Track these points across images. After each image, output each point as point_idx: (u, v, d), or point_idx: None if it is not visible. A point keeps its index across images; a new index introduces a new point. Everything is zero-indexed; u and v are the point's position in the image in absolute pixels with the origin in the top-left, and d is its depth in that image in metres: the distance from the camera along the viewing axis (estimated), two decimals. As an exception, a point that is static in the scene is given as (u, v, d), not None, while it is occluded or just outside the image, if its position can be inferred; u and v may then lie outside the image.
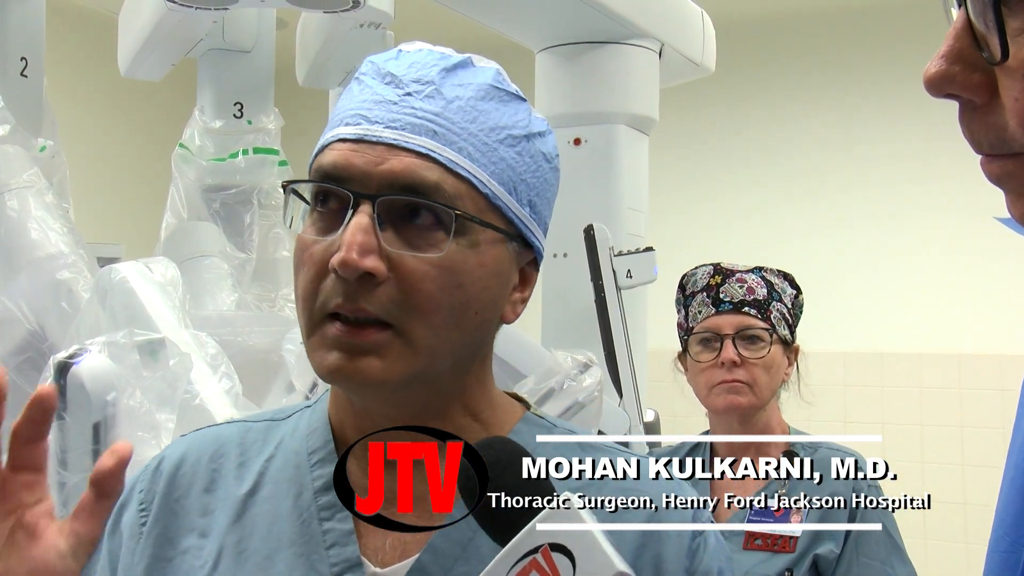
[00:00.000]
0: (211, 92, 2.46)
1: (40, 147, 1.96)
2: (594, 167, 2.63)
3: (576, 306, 2.53)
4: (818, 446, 1.95)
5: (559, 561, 0.84)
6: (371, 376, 0.81)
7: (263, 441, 0.93)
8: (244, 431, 0.94)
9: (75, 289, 1.67)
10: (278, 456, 0.91)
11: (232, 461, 0.92)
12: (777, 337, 1.95)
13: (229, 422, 0.98)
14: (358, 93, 0.86)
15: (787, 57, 5.43)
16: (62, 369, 1.20)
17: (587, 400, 1.60)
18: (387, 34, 2.34)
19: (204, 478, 0.91)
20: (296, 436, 0.92)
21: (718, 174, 5.47)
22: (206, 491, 0.90)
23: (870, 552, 1.81)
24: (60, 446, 1.18)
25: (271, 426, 0.94)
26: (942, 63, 0.58)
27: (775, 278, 2.01)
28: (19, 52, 2.00)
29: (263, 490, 0.89)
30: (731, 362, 1.92)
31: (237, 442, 0.93)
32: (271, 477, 0.90)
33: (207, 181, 2.39)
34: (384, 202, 0.80)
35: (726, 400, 1.94)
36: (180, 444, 0.95)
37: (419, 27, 4.03)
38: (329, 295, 0.80)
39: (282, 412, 0.97)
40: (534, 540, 0.85)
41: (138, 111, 5.36)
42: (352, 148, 0.82)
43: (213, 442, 0.93)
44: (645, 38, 2.63)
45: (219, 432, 0.95)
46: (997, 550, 0.78)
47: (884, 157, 5.15)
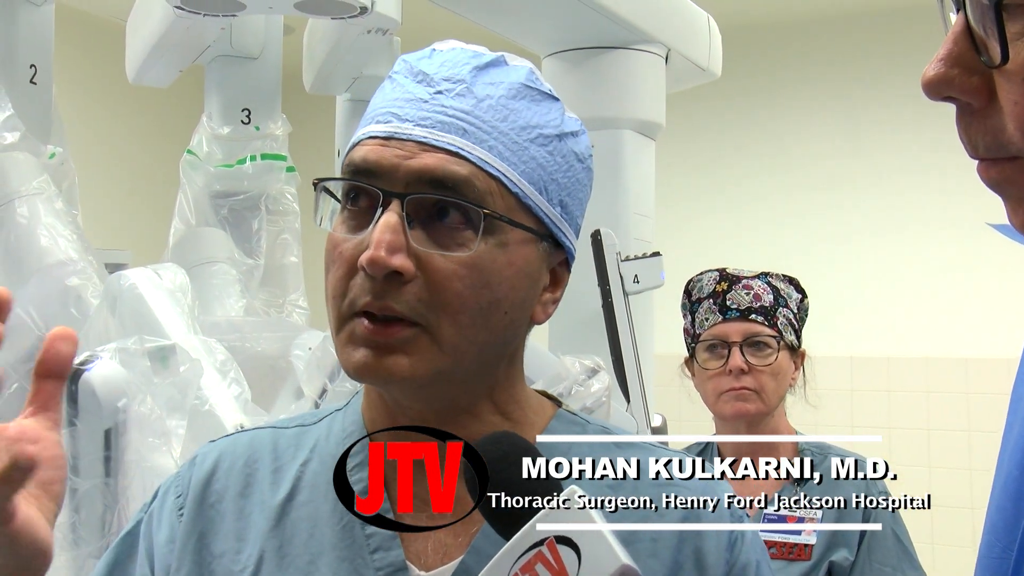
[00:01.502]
0: (219, 98, 2.46)
1: (49, 154, 1.97)
2: (601, 172, 2.61)
3: (583, 311, 2.53)
4: (828, 451, 1.95)
5: (564, 554, 0.84)
6: (397, 373, 0.81)
7: (296, 446, 0.93)
8: (276, 437, 0.94)
9: (84, 296, 1.68)
10: (314, 460, 0.91)
11: (267, 466, 0.92)
12: (784, 343, 1.95)
13: (260, 428, 0.98)
14: (390, 91, 0.86)
15: (794, 62, 5.42)
16: (73, 376, 1.21)
17: (595, 405, 1.60)
18: (394, 40, 2.34)
19: (239, 483, 0.91)
20: (331, 440, 0.92)
21: (724, 178, 5.47)
22: (241, 496, 0.90)
23: (882, 558, 1.81)
24: (72, 452, 1.18)
25: (302, 431, 0.95)
26: (940, 66, 0.58)
27: (781, 283, 2.01)
28: (28, 59, 2.01)
29: (301, 495, 0.89)
30: (739, 370, 1.93)
31: (271, 448, 0.93)
32: (308, 482, 0.90)
33: (215, 187, 2.40)
34: (413, 200, 0.80)
35: (734, 407, 1.94)
36: (213, 449, 0.95)
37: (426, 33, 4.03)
38: (358, 293, 0.81)
39: (313, 416, 0.97)
40: (539, 534, 0.85)
41: (146, 118, 5.37)
42: (382, 144, 0.82)
43: (247, 447, 0.94)
44: (651, 43, 2.64)
45: (253, 437, 0.95)
46: (989, 555, 0.78)
47: (891, 161, 5.14)
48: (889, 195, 5.13)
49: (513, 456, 0.86)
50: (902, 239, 5.09)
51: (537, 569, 0.84)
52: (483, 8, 2.47)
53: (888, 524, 1.85)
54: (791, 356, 1.98)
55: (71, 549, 1.18)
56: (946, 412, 4.92)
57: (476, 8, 2.46)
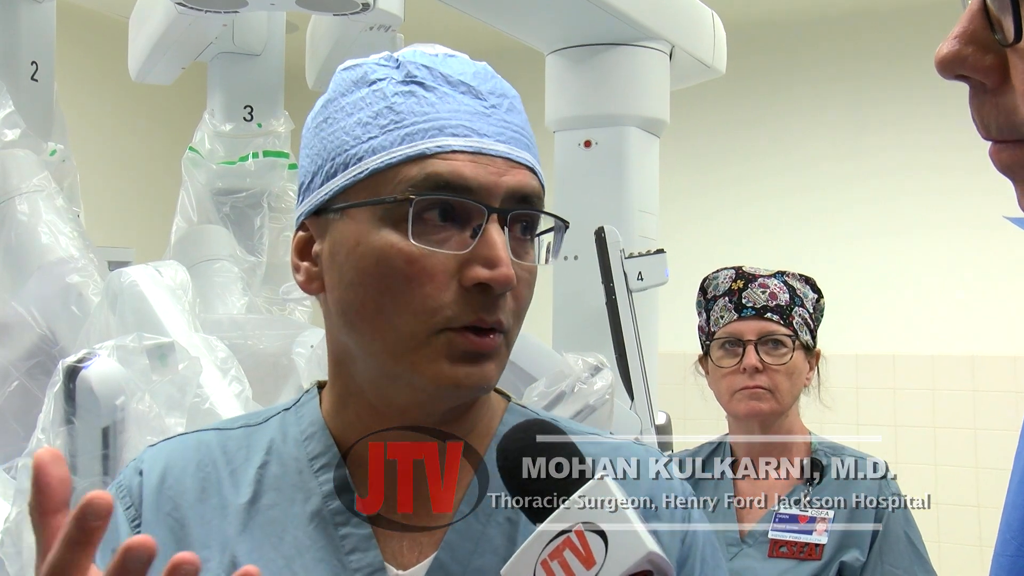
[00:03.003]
0: (221, 95, 2.46)
1: (50, 151, 1.97)
2: (604, 169, 2.62)
3: (587, 309, 2.52)
4: (841, 452, 1.94)
5: (592, 541, 0.86)
6: (489, 379, 0.85)
7: (247, 447, 0.91)
8: (223, 439, 0.92)
9: (85, 293, 1.67)
10: (273, 463, 0.90)
11: (222, 469, 0.90)
12: (799, 343, 1.94)
13: (202, 429, 0.95)
14: (437, 100, 0.84)
15: (798, 59, 5.41)
16: (71, 373, 1.20)
17: (598, 403, 1.59)
18: (397, 37, 2.34)
19: (194, 488, 0.89)
20: (289, 442, 0.91)
21: (729, 175, 5.46)
22: (199, 501, 0.89)
23: (894, 560, 1.80)
24: (69, 451, 1.18)
25: (249, 432, 0.93)
26: (955, 43, 0.58)
27: (797, 283, 1.99)
28: (30, 56, 2.01)
29: (264, 498, 0.88)
30: (753, 368, 1.91)
31: (220, 450, 0.91)
32: (270, 484, 0.89)
33: (217, 184, 2.40)
34: (510, 216, 0.84)
35: (748, 406, 1.93)
36: (158, 454, 0.92)
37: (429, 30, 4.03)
38: (463, 308, 0.82)
39: (256, 416, 0.96)
40: (567, 519, 0.87)
41: (148, 115, 5.37)
42: (472, 160, 0.83)
43: (195, 451, 0.92)
44: (655, 40, 2.63)
45: (199, 440, 0.93)
46: (1004, 554, 0.77)
47: (896, 159, 5.13)
48: (894, 193, 5.12)
49: (543, 445, 0.88)
50: (907, 237, 5.08)
51: (565, 555, 0.86)
52: (487, 6, 2.46)
53: (901, 526, 1.84)
54: (806, 356, 1.97)
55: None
56: (952, 410, 4.91)
57: (480, 6, 2.45)
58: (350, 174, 0.84)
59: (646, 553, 0.86)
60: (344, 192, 0.84)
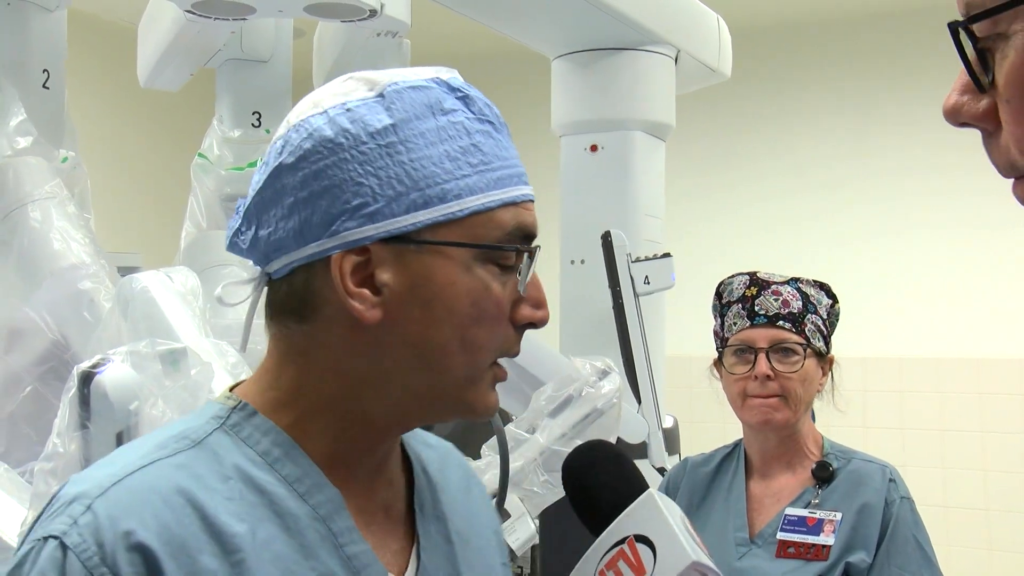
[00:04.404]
0: (229, 102, 2.47)
1: (62, 158, 1.98)
2: (611, 173, 2.63)
3: (594, 313, 2.53)
4: (851, 455, 1.95)
5: (642, 551, 0.94)
6: None
7: (197, 477, 0.82)
8: (170, 474, 0.81)
9: (97, 299, 1.68)
10: (238, 495, 0.82)
11: (194, 522, 0.79)
12: (812, 350, 1.94)
13: (137, 470, 0.81)
14: (506, 144, 0.90)
15: (803, 63, 5.41)
16: (85, 379, 1.21)
17: (606, 407, 1.60)
18: (404, 43, 2.35)
19: (182, 554, 0.78)
20: (256, 466, 0.84)
21: (734, 179, 5.46)
22: (193, 561, 0.78)
23: (902, 563, 1.81)
24: (84, 455, 1.19)
25: (194, 457, 0.83)
26: (953, 95, 0.64)
27: (811, 289, 1.99)
28: (41, 64, 2.02)
29: (245, 535, 0.80)
30: (765, 376, 1.91)
31: (176, 492, 0.80)
32: (242, 516, 0.81)
33: (226, 190, 2.41)
34: None
35: (761, 416, 1.92)
36: (118, 525, 0.77)
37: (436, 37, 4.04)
38: (512, 342, 0.90)
39: (187, 437, 0.85)
40: (620, 532, 0.97)
41: (157, 121, 5.39)
42: (527, 209, 0.90)
43: (160, 505, 0.79)
44: (661, 44, 2.64)
45: (151, 488, 0.80)
46: None
47: (902, 162, 5.13)
48: (900, 196, 5.11)
49: (602, 463, 1.06)
50: (913, 240, 5.07)
51: (619, 566, 0.95)
52: (493, 11, 2.47)
53: (909, 529, 1.84)
54: (819, 362, 1.96)
55: (84, 551, 1.18)
56: (959, 413, 4.90)
57: (486, 11, 2.46)
58: (447, 210, 0.84)
59: (690, 563, 0.91)
60: (434, 227, 0.84)
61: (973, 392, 4.89)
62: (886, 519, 1.84)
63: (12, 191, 1.76)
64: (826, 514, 1.87)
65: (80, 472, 0.87)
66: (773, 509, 1.92)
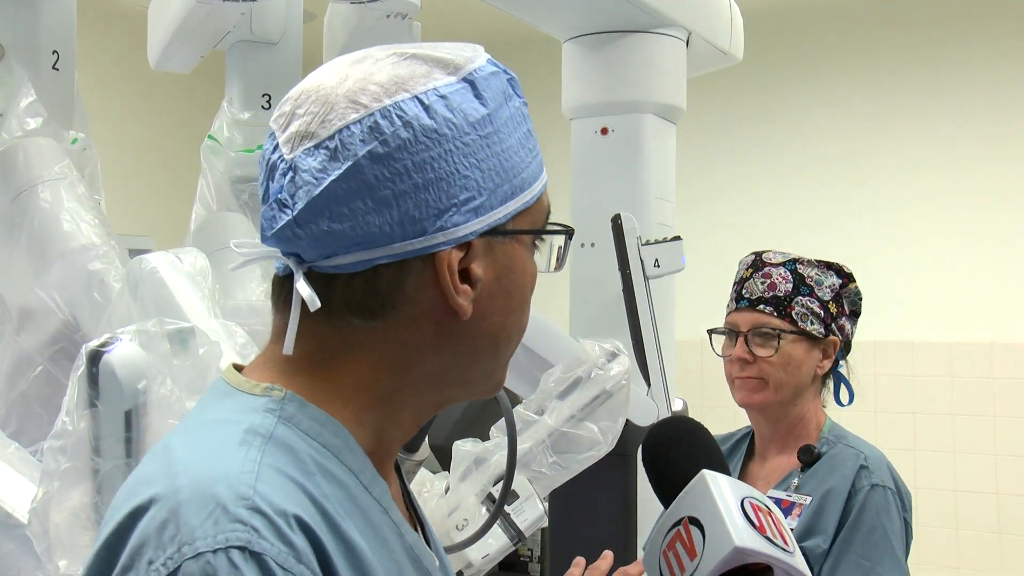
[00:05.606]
0: (239, 84, 2.47)
1: (72, 139, 1.98)
2: (621, 156, 2.62)
3: (604, 295, 2.53)
4: (840, 439, 1.94)
5: (694, 533, 0.96)
6: None
7: (303, 470, 0.78)
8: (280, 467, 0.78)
9: (107, 280, 1.69)
10: (327, 490, 0.79)
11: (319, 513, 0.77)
12: (800, 333, 1.93)
13: (259, 466, 0.77)
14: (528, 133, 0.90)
15: (815, 46, 5.39)
16: (94, 357, 1.22)
17: (615, 389, 1.60)
18: (414, 25, 2.34)
19: (331, 530, 0.77)
20: (326, 459, 0.80)
21: (746, 162, 5.45)
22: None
23: (863, 552, 1.77)
24: (93, 433, 1.20)
25: (272, 453, 0.78)
26: None
27: (813, 270, 1.97)
28: (51, 45, 2.02)
29: (351, 530, 0.78)
30: (741, 359, 1.95)
31: (295, 486, 0.77)
32: (339, 511, 0.78)
33: (236, 172, 2.40)
34: None
35: (740, 396, 1.99)
36: (285, 502, 0.74)
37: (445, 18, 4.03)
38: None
39: (255, 432, 0.79)
40: (679, 512, 1.00)
41: (167, 103, 5.40)
42: None
43: (299, 495, 0.76)
44: (672, 27, 2.62)
45: (288, 479, 0.77)
46: None
47: (914, 145, 5.10)
48: (911, 181, 5.09)
49: (672, 441, 1.10)
50: (924, 224, 5.05)
51: (676, 547, 0.98)
52: (503, -8, 2.46)
53: (878, 519, 1.80)
54: (812, 345, 1.95)
55: (93, 529, 1.19)
56: (971, 397, 4.89)
57: (496, -8, 2.45)
58: (525, 198, 0.86)
59: (732, 549, 0.91)
60: (515, 217, 0.85)
61: (985, 376, 4.88)
62: (849, 507, 1.81)
63: (22, 172, 1.76)
64: (799, 498, 1.86)
65: (173, 483, 0.75)
66: (764, 491, 1.93)
